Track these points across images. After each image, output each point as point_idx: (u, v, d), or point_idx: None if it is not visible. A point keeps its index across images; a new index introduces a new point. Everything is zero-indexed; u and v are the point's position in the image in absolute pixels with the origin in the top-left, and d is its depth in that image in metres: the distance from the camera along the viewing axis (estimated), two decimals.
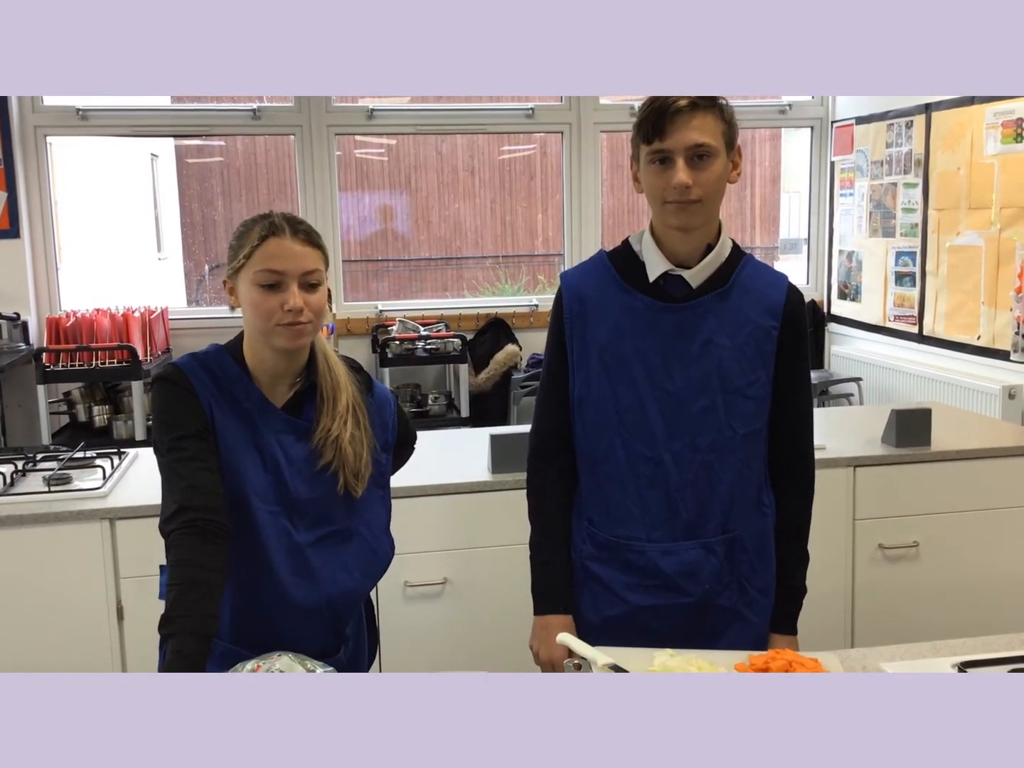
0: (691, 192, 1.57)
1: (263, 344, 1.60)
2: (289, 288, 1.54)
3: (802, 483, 1.77)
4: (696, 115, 1.55)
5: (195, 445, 1.53)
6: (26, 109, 4.97)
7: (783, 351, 1.69)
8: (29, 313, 4.95)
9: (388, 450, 1.75)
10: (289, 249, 1.55)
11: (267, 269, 1.54)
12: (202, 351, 1.63)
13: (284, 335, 1.56)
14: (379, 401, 1.74)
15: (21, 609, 2.39)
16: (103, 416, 4.71)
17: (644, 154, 1.60)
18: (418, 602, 2.58)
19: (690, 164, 1.56)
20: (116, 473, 2.63)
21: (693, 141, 1.55)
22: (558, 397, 1.74)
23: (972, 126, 4.38)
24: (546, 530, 1.76)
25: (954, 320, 4.60)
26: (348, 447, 1.62)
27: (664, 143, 1.56)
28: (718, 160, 1.58)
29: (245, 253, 1.55)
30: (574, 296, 1.70)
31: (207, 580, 1.42)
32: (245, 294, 1.57)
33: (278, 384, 1.63)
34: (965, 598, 2.84)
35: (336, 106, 5.33)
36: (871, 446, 2.86)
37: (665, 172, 1.58)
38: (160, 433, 1.55)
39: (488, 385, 5.29)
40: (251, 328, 1.60)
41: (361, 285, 10.26)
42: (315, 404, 1.64)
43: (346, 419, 1.63)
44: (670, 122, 1.55)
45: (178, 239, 10.44)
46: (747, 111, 5.99)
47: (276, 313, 1.54)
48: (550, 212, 10.93)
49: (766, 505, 1.74)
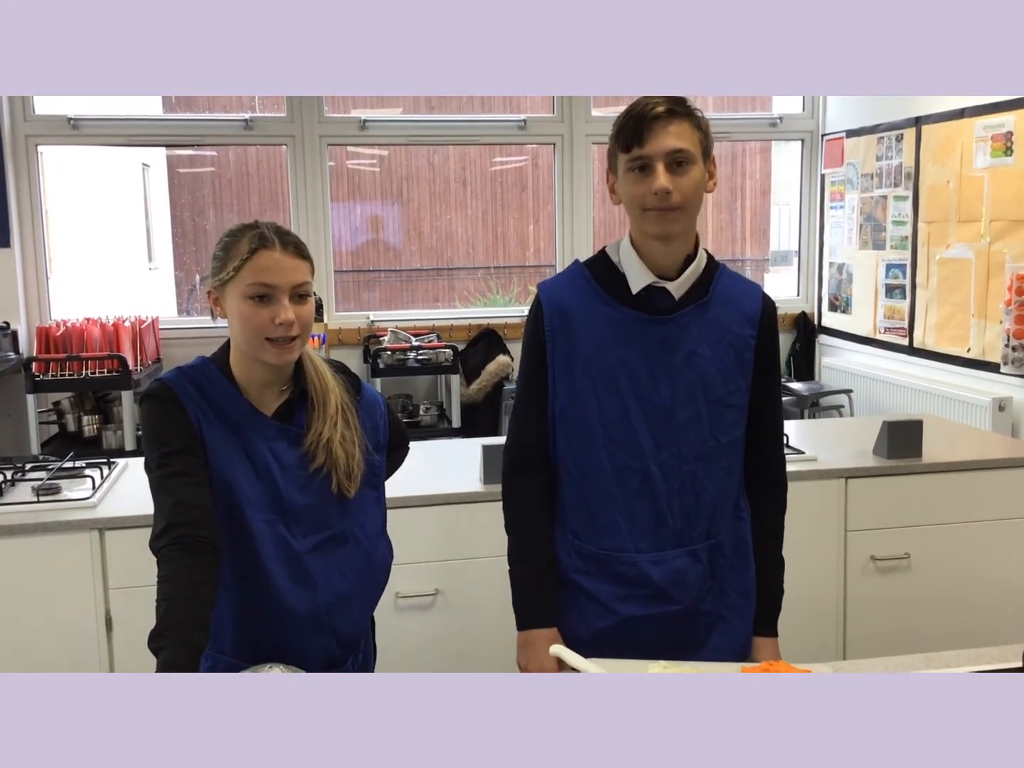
0: (671, 198, 1.57)
1: (251, 356, 1.60)
2: (280, 301, 1.54)
3: (777, 486, 1.80)
4: (673, 122, 1.56)
5: (183, 461, 1.52)
6: (17, 118, 4.96)
7: (759, 359, 1.71)
8: (19, 322, 4.93)
9: (380, 451, 1.75)
10: (280, 262, 1.55)
11: (259, 283, 1.54)
12: (188, 364, 1.63)
13: (272, 351, 1.56)
14: (368, 403, 1.74)
15: (10, 619, 2.37)
16: (93, 426, 4.69)
17: (623, 163, 1.61)
18: (409, 613, 2.57)
19: (669, 170, 1.57)
20: (106, 483, 2.62)
21: (672, 147, 1.56)
22: (537, 410, 1.73)
23: (962, 139, 4.41)
24: (526, 542, 1.75)
25: (944, 332, 4.62)
26: (339, 449, 1.62)
27: (643, 149, 1.56)
28: (696, 167, 1.59)
29: (235, 265, 1.54)
30: (555, 308, 1.69)
31: (196, 594, 1.42)
32: (234, 306, 1.57)
33: (267, 393, 1.63)
34: (958, 610, 2.84)
35: (329, 117, 5.33)
36: (863, 458, 2.86)
37: (645, 179, 1.58)
38: (149, 450, 1.56)
39: (480, 396, 5.29)
40: (239, 340, 1.60)
41: (352, 295, 10.25)
42: (305, 410, 1.64)
43: (336, 421, 1.64)
44: (648, 129, 1.56)
45: (169, 249, 10.42)
46: (738, 124, 6.03)
47: (267, 327, 1.54)
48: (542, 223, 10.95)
49: (743, 509, 1.76)
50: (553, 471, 1.74)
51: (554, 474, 1.74)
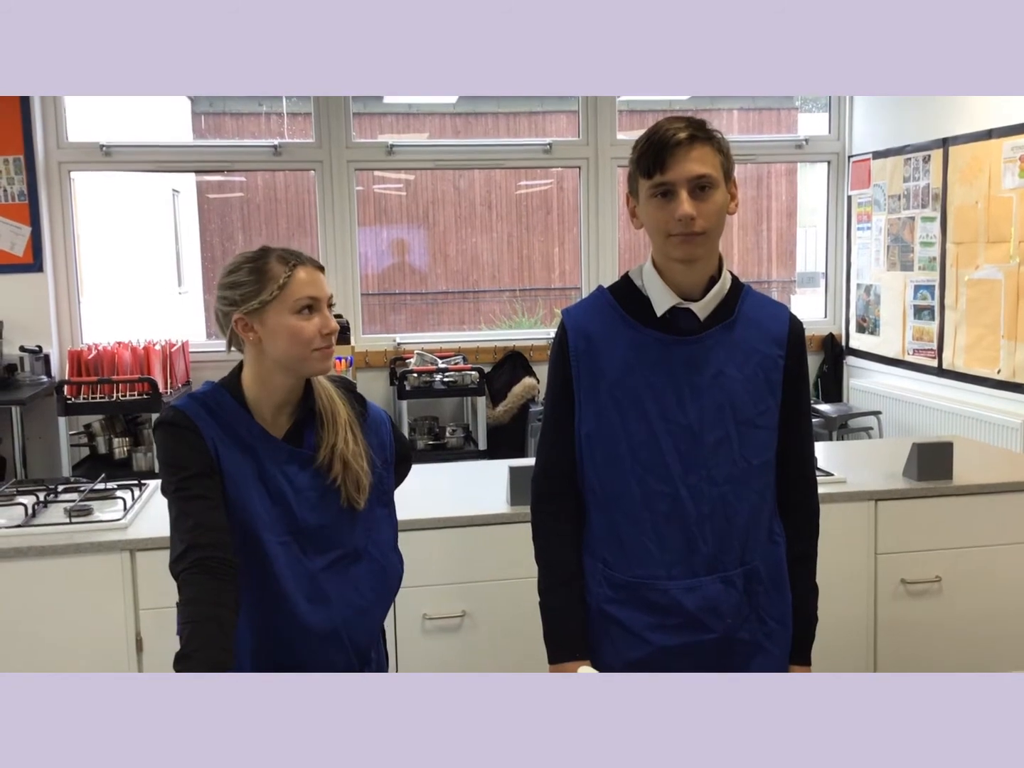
0: (695, 224, 1.57)
1: (286, 374, 1.64)
2: (323, 311, 1.63)
3: (809, 509, 1.77)
4: (695, 147, 1.56)
5: (200, 484, 1.56)
6: (51, 145, 5.05)
7: (789, 379, 1.70)
8: (51, 346, 5.00)
9: (388, 467, 1.78)
10: (316, 276, 1.64)
11: (308, 296, 1.61)
12: (199, 390, 1.68)
13: (319, 359, 1.64)
14: (374, 421, 1.78)
15: (42, 639, 2.39)
16: (123, 448, 4.74)
17: (644, 189, 1.60)
18: (436, 635, 2.57)
19: (692, 196, 1.56)
20: (136, 505, 2.64)
21: (695, 172, 1.56)
22: (563, 436, 1.71)
23: (989, 160, 4.39)
24: (557, 574, 1.73)
25: (973, 354, 4.58)
26: (352, 459, 1.66)
27: (666, 176, 1.56)
28: (719, 191, 1.59)
29: (278, 285, 1.60)
30: (579, 333, 1.69)
31: (218, 616, 1.45)
32: (280, 324, 1.61)
33: (279, 415, 1.67)
34: (990, 634, 2.80)
35: (356, 142, 5.39)
36: (892, 480, 2.84)
37: (668, 205, 1.58)
38: (166, 475, 1.59)
39: (506, 418, 5.30)
40: (282, 357, 1.63)
41: (379, 318, 10.31)
42: (315, 430, 1.67)
43: (347, 434, 1.68)
44: (670, 155, 1.55)
45: (198, 273, 10.53)
46: (763, 145, 6.04)
47: (315, 338, 1.62)
48: (567, 246, 10.97)
49: (777, 533, 1.74)
50: (581, 497, 1.73)
51: (582, 500, 1.73)
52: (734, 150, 1.65)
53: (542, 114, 10.44)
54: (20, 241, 4.92)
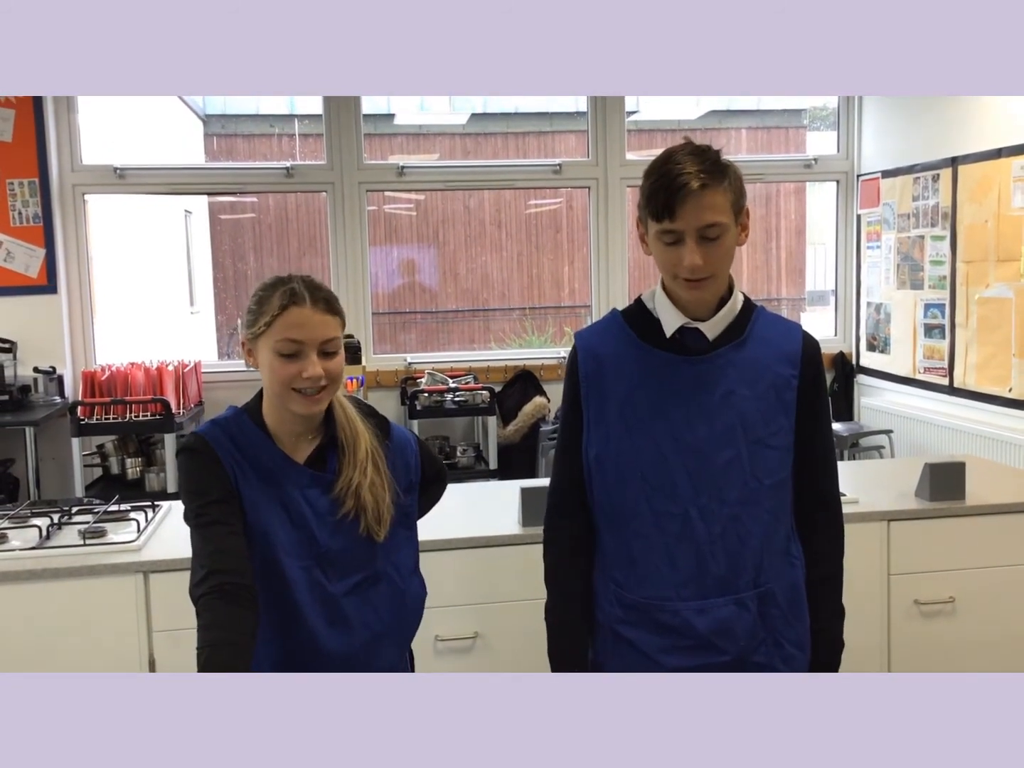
0: (702, 271, 1.57)
1: (281, 406, 1.64)
2: (308, 357, 1.59)
3: (831, 531, 1.75)
4: (706, 195, 1.54)
5: (220, 510, 1.57)
6: (65, 168, 5.10)
7: (804, 399, 1.68)
8: (65, 367, 5.03)
9: (412, 491, 1.77)
10: (309, 319, 1.59)
11: (288, 339, 1.58)
12: (221, 416, 1.68)
13: (300, 401, 1.61)
14: (399, 444, 1.77)
15: (56, 660, 2.40)
16: (136, 469, 4.76)
17: (653, 229, 1.60)
18: (449, 656, 2.57)
19: (701, 243, 1.56)
20: (150, 526, 2.65)
21: (704, 222, 1.55)
22: (573, 456, 1.72)
23: (999, 179, 4.39)
24: (563, 592, 1.73)
25: (985, 372, 4.57)
26: (368, 495, 1.65)
27: (675, 224, 1.55)
28: (728, 235, 1.58)
29: (266, 321, 1.59)
30: (589, 355, 1.70)
31: (236, 642, 1.45)
32: (265, 359, 1.62)
33: (300, 440, 1.68)
34: (1004, 655, 2.79)
35: (367, 164, 5.42)
36: (905, 500, 2.83)
37: (676, 250, 1.57)
38: (188, 501, 1.60)
39: (516, 437, 5.30)
40: (269, 390, 1.65)
41: (389, 337, 10.34)
42: (337, 455, 1.67)
43: (366, 466, 1.67)
44: (680, 203, 1.53)
45: (211, 293, 10.58)
46: (773, 165, 6.05)
47: (295, 380, 1.59)
48: (576, 264, 10.99)
49: (795, 556, 1.72)
50: (592, 518, 1.73)
51: (594, 521, 1.73)
52: (743, 169, 1.63)
53: (551, 134, 10.49)
54: (35, 263, 4.97)
